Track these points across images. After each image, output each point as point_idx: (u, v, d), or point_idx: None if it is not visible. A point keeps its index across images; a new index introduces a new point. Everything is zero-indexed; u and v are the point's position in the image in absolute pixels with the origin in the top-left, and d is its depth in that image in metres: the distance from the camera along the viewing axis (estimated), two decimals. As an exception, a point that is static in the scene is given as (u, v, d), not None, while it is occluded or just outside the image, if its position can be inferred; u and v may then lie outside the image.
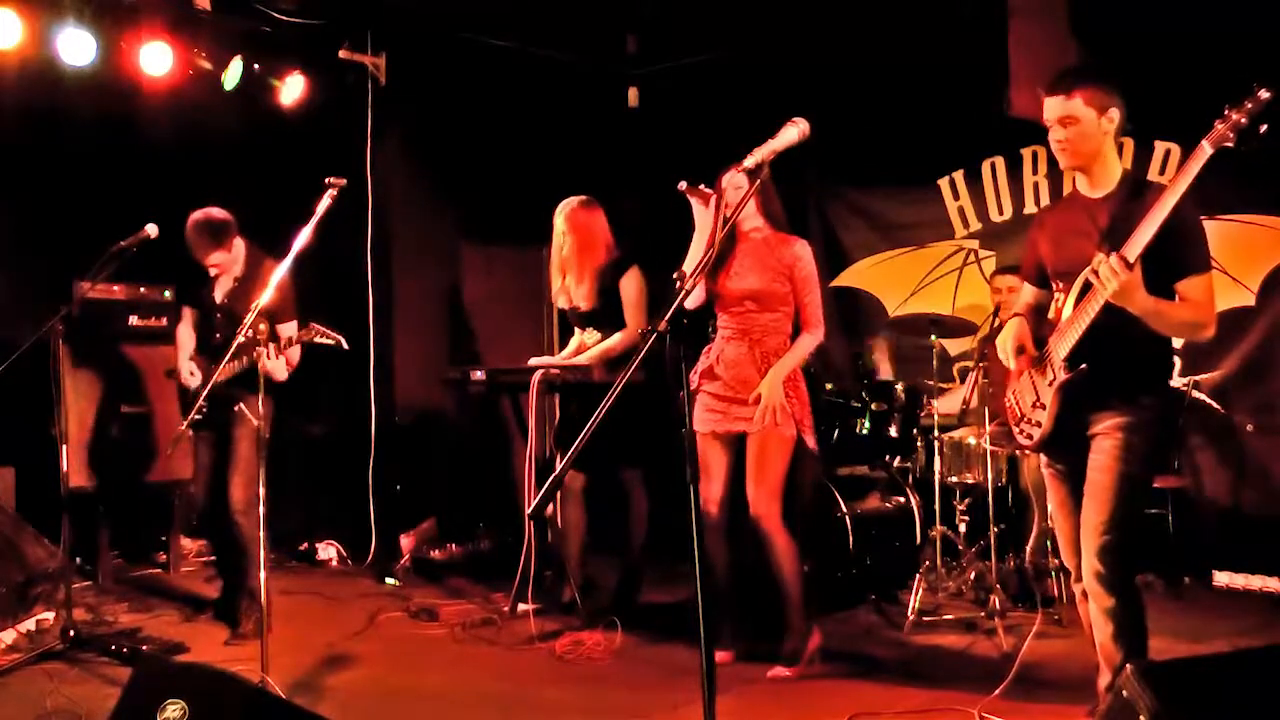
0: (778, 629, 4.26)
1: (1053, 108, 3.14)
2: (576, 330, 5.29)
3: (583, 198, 5.13)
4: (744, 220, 4.31)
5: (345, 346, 4.30)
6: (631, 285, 5.00)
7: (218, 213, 4.69)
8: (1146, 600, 3.19)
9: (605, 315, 5.04)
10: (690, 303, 4.25)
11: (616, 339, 4.99)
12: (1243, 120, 2.79)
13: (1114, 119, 3.12)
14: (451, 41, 6.53)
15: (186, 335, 4.95)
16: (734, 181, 4.18)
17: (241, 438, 4.64)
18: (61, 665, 4.23)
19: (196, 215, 4.68)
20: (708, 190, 4.21)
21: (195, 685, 2.72)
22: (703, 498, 4.30)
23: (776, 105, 3.16)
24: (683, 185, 4.19)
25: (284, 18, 5.99)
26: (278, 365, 4.50)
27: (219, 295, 4.82)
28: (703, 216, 4.22)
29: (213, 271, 4.78)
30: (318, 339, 4.26)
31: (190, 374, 4.83)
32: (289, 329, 4.61)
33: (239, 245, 4.78)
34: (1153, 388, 3.18)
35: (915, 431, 5.50)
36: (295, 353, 4.55)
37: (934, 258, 6.61)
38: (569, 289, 5.12)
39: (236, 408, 4.57)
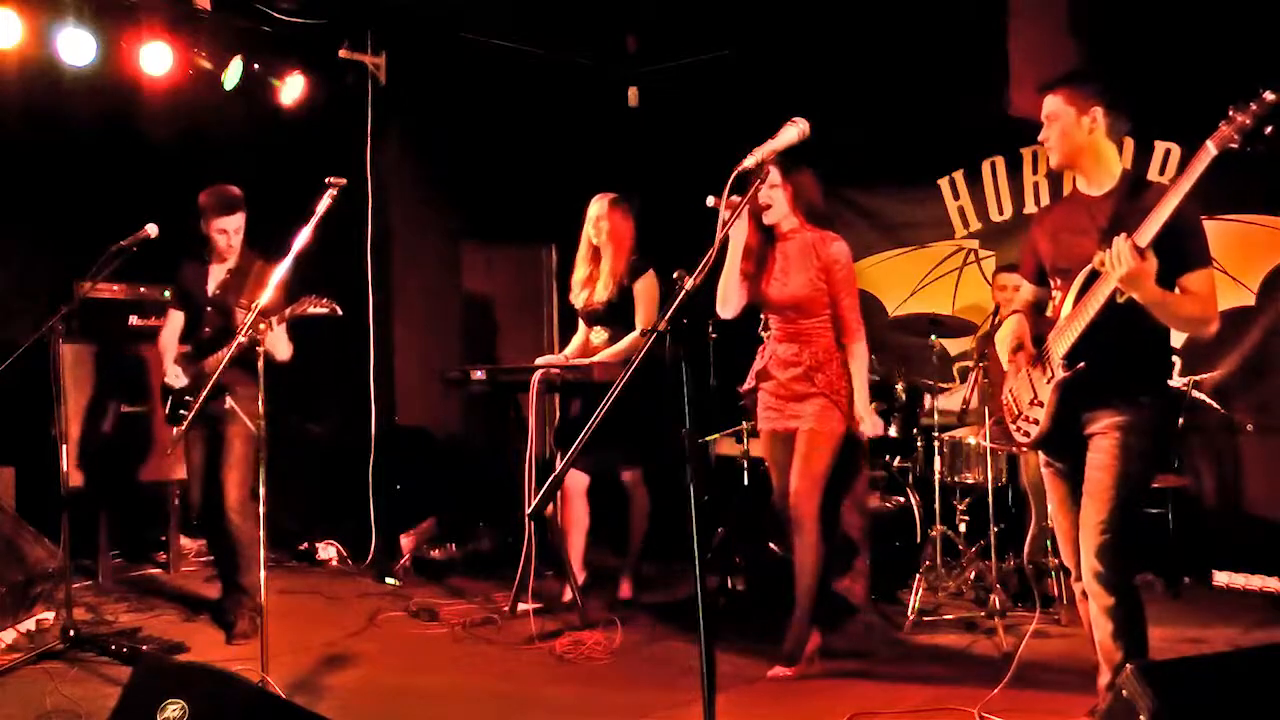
0: (778, 629, 4.25)
1: (1042, 107, 3.28)
2: (582, 328, 5.30)
3: (615, 195, 5.16)
4: (781, 221, 4.26)
5: (339, 312, 4.30)
6: (646, 288, 5.05)
7: (232, 188, 4.80)
8: (1146, 600, 3.20)
9: (619, 314, 5.10)
10: (731, 310, 4.26)
11: (629, 340, 5.01)
12: (1247, 122, 2.78)
13: (1098, 119, 3.15)
14: (451, 41, 6.53)
15: (171, 339, 4.92)
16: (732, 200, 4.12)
17: (235, 436, 4.64)
18: (61, 665, 4.21)
19: (212, 187, 4.79)
20: (734, 198, 4.11)
21: (195, 685, 2.72)
22: (776, 492, 4.34)
23: (777, 105, 3.16)
24: (712, 200, 3.96)
25: (284, 17, 6.00)
26: (279, 340, 4.49)
27: (211, 287, 4.80)
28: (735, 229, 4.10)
29: (220, 241, 4.75)
30: (311, 310, 4.26)
31: (176, 376, 4.76)
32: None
33: (242, 229, 4.80)
34: (1151, 387, 3.18)
35: (915, 431, 5.50)
36: (285, 343, 4.57)
37: (934, 257, 6.61)
38: (594, 285, 5.16)
39: (228, 405, 4.56)
